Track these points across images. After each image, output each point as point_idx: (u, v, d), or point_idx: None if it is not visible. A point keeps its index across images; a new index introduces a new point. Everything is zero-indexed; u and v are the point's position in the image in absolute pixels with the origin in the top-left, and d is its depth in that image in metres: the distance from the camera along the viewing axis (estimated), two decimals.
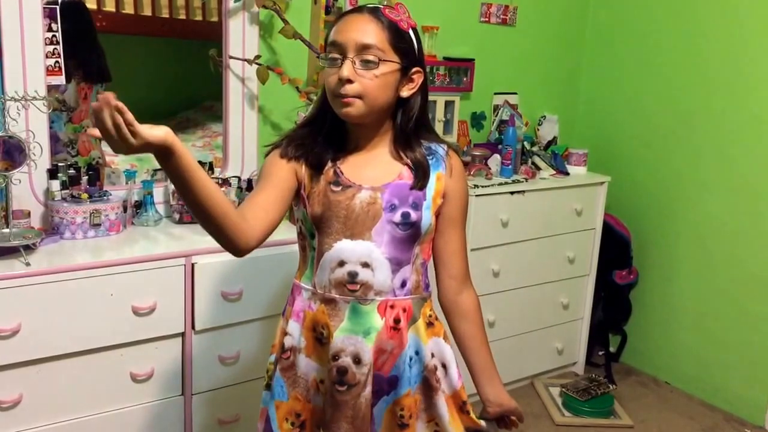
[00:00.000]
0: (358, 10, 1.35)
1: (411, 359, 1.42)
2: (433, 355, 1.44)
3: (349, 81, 1.29)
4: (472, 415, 1.46)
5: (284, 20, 2.40)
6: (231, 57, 2.36)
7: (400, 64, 1.33)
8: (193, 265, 1.99)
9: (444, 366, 1.46)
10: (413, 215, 1.38)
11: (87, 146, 2.20)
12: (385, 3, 1.37)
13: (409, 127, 1.39)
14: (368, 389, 1.39)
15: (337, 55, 1.31)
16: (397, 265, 1.39)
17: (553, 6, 3.36)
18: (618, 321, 3.35)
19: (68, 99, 2.20)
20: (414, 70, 1.37)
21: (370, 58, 1.29)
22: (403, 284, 1.40)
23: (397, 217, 1.37)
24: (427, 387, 1.44)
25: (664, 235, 3.20)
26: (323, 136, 1.40)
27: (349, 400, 1.39)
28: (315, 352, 1.42)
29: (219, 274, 2.04)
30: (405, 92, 1.37)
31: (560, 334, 3.14)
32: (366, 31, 1.30)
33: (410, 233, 1.38)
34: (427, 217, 1.39)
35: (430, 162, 1.41)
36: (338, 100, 1.32)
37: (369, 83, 1.30)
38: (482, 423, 1.47)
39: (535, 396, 3.03)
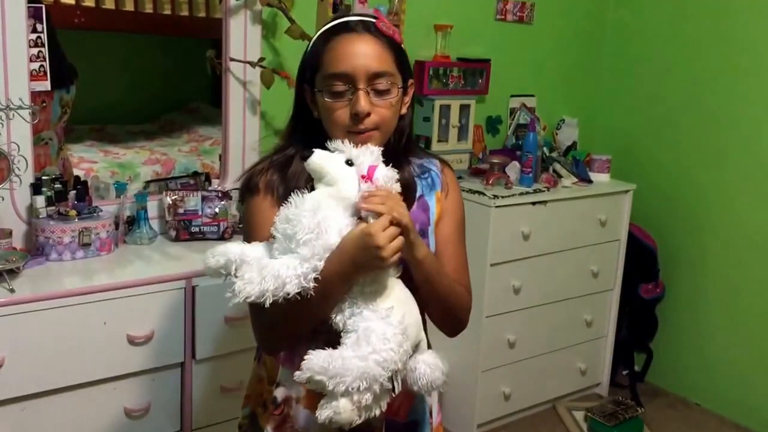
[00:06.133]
0: (352, 29, 1.19)
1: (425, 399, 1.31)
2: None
3: (367, 114, 1.17)
4: None
5: (290, 19, 2.27)
6: (232, 59, 2.22)
7: (405, 83, 1.23)
8: (194, 288, 1.90)
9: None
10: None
11: (42, 161, 2.00)
12: (363, 13, 1.23)
13: (400, 146, 1.27)
14: None
15: (343, 88, 1.17)
16: None
17: (572, 3, 3.25)
18: (643, 338, 3.24)
19: None
20: (409, 82, 1.26)
21: (384, 86, 1.18)
22: None
23: None
24: None
25: (693, 245, 3.10)
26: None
27: None
28: (316, 402, 1.23)
29: (222, 298, 1.85)
30: (404, 109, 1.26)
31: (583, 354, 3.01)
32: (374, 57, 1.18)
33: None
34: (433, 243, 1.28)
35: (425, 182, 1.31)
36: (353, 136, 1.17)
37: (385, 112, 1.19)
38: None
39: (558, 421, 2.89)
